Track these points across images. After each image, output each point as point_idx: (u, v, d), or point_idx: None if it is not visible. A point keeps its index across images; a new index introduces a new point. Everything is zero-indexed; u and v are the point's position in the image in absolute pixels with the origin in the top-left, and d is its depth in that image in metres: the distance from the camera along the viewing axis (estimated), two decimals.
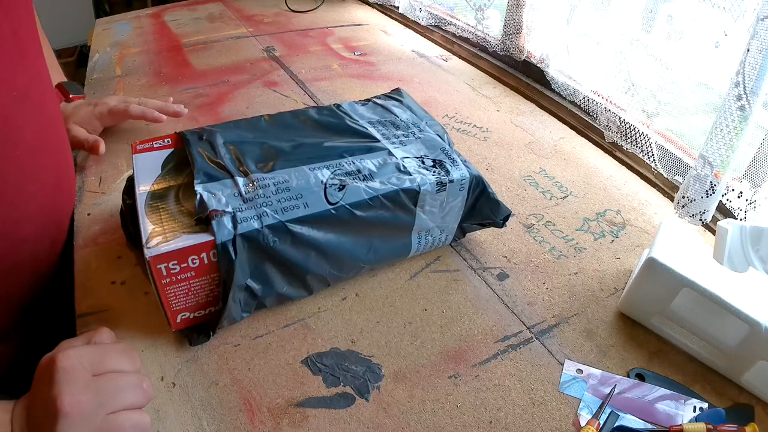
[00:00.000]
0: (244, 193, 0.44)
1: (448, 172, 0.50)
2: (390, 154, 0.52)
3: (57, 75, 0.74)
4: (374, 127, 0.56)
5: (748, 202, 0.60)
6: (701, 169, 0.59)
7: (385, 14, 1.31)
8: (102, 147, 0.67)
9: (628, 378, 0.45)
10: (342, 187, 0.46)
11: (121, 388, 0.36)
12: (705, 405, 0.43)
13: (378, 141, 0.53)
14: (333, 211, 0.45)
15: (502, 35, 0.95)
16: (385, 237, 0.50)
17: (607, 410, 0.42)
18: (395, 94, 0.64)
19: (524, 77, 0.94)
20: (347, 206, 0.45)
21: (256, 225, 0.42)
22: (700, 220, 0.61)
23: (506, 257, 0.57)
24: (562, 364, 0.46)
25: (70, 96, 0.72)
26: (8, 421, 0.35)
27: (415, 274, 0.54)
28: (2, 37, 0.44)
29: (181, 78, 0.92)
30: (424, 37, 1.18)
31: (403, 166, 0.50)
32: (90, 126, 0.70)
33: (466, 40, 1.07)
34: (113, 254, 0.54)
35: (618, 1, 0.72)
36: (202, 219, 0.42)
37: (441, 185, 0.49)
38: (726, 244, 0.43)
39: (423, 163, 0.51)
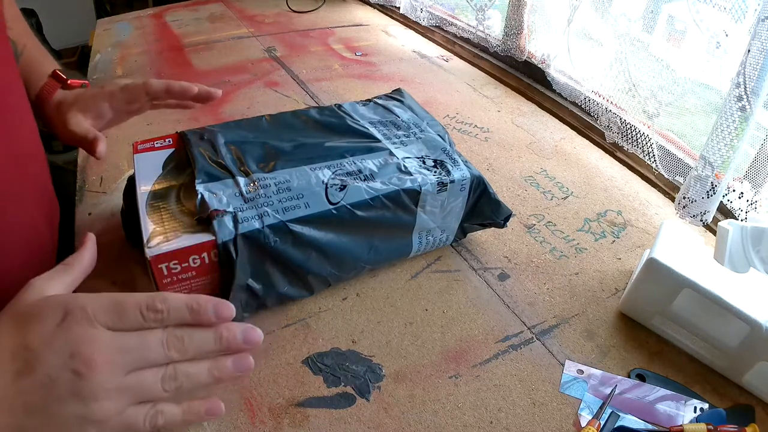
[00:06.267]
0: (245, 192, 0.44)
1: (449, 173, 0.50)
2: (391, 154, 0.52)
3: (49, 64, 0.61)
4: (375, 127, 0.56)
5: (749, 202, 0.60)
6: (702, 169, 0.59)
7: (386, 15, 1.31)
8: (101, 147, 0.54)
9: (628, 378, 0.45)
10: (343, 187, 0.46)
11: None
12: (705, 405, 0.43)
13: (379, 141, 0.53)
14: (334, 211, 0.45)
15: (503, 36, 0.95)
16: (386, 237, 0.50)
17: (608, 411, 0.42)
18: (396, 95, 0.64)
19: (525, 78, 0.95)
20: (348, 206, 0.45)
21: (257, 225, 0.42)
22: (701, 220, 0.61)
23: (507, 257, 0.57)
24: (563, 365, 0.46)
25: (69, 81, 0.58)
26: None
27: (415, 275, 0.54)
28: None
29: (183, 78, 0.91)
30: (425, 37, 1.18)
31: (404, 166, 0.50)
32: (96, 111, 0.55)
33: (467, 40, 1.07)
34: (114, 254, 0.54)
35: (619, 1, 0.72)
36: (203, 219, 0.42)
37: (442, 185, 0.49)
38: (727, 245, 0.43)
39: (424, 163, 0.51)
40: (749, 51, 0.52)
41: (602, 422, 0.41)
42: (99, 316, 0.31)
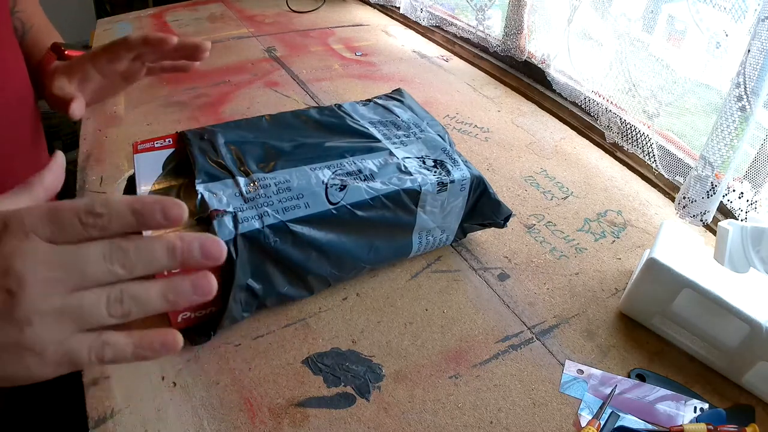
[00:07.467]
0: (245, 192, 0.44)
1: (449, 173, 0.50)
2: (391, 154, 0.52)
3: (53, 37, 0.62)
4: (375, 127, 0.56)
5: (749, 202, 0.60)
6: (702, 169, 0.59)
7: (386, 15, 1.31)
8: (76, 106, 0.51)
9: (628, 378, 0.45)
10: (343, 187, 0.46)
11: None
12: (705, 405, 0.43)
13: (379, 141, 0.53)
14: (334, 211, 0.45)
15: (503, 36, 0.95)
16: (386, 237, 0.50)
17: (608, 411, 0.42)
18: (396, 95, 0.64)
19: (525, 78, 0.95)
20: (348, 206, 0.45)
21: (257, 225, 0.42)
22: (701, 220, 0.61)
23: (507, 257, 0.57)
24: (563, 365, 0.46)
25: (66, 52, 0.58)
26: None
27: (415, 274, 0.54)
28: None
29: (183, 78, 0.92)
30: (425, 37, 1.18)
31: (404, 166, 0.50)
32: (81, 74, 0.54)
33: (467, 40, 1.07)
34: None
35: (619, 1, 0.72)
36: (203, 219, 0.42)
37: (442, 185, 0.49)
38: (727, 245, 0.43)
39: (424, 163, 0.51)
40: (749, 51, 0.52)
41: (602, 422, 0.41)
42: (36, 227, 0.27)
